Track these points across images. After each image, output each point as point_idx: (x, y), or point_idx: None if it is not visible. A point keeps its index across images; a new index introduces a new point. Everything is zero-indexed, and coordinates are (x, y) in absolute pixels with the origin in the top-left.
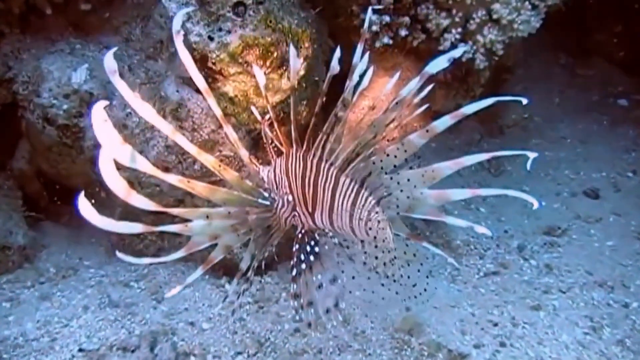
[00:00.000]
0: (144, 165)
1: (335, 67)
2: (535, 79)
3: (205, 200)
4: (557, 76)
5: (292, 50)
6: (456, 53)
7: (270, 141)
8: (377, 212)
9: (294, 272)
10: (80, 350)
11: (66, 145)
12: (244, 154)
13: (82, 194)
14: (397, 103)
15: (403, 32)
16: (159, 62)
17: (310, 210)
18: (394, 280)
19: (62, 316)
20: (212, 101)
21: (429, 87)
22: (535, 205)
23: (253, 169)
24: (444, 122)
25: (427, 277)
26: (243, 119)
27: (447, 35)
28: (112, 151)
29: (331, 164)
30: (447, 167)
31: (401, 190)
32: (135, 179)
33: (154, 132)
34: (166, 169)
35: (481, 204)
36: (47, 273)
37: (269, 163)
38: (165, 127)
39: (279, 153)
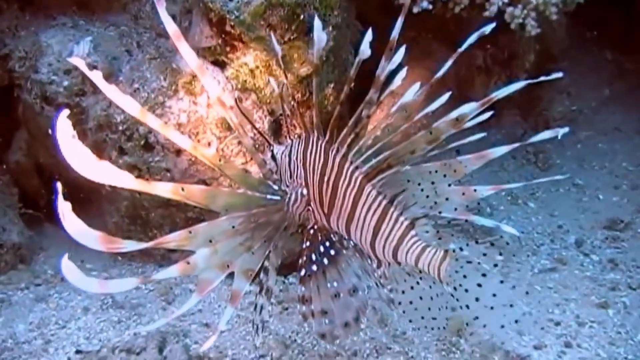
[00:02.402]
0: (127, 181)
1: (365, 51)
2: (582, 72)
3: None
4: (604, 70)
5: (317, 22)
6: (487, 29)
7: (288, 114)
8: (415, 240)
9: (302, 273)
10: (78, 352)
11: None
12: (247, 142)
13: (66, 256)
14: (431, 86)
15: None
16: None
17: (325, 211)
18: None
19: (58, 318)
20: (206, 79)
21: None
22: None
23: (259, 158)
24: (472, 108)
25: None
26: (265, 97)
27: None
28: (87, 172)
29: (356, 167)
30: (469, 161)
31: (422, 189)
32: (143, 164)
33: (165, 109)
34: (177, 152)
35: (529, 199)
36: (44, 275)
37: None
38: (153, 121)
39: (298, 134)
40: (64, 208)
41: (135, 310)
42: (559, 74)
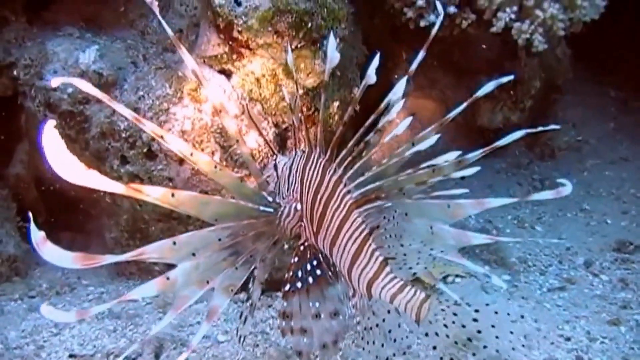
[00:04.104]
0: (115, 187)
1: (372, 76)
2: (586, 105)
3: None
4: (609, 105)
5: (331, 39)
6: (504, 79)
7: (298, 126)
8: (391, 278)
9: (286, 288)
10: (71, 356)
11: (69, 138)
12: (245, 151)
13: (45, 304)
14: (441, 124)
15: (452, 9)
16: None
17: (314, 229)
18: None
19: (52, 326)
20: (207, 83)
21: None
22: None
23: (255, 168)
24: (475, 155)
25: None
26: (270, 107)
27: (501, 14)
28: (74, 178)
29: (348, 191)
30: (470, 205)
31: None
32: (145, 174)
33: (169, 116)
34: (180, 161)
35: (536, 222)
36: (39, 287)
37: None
38: (148, 125)
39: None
40: (38, 238)
41: (131, 320)
42: (557, 127)
